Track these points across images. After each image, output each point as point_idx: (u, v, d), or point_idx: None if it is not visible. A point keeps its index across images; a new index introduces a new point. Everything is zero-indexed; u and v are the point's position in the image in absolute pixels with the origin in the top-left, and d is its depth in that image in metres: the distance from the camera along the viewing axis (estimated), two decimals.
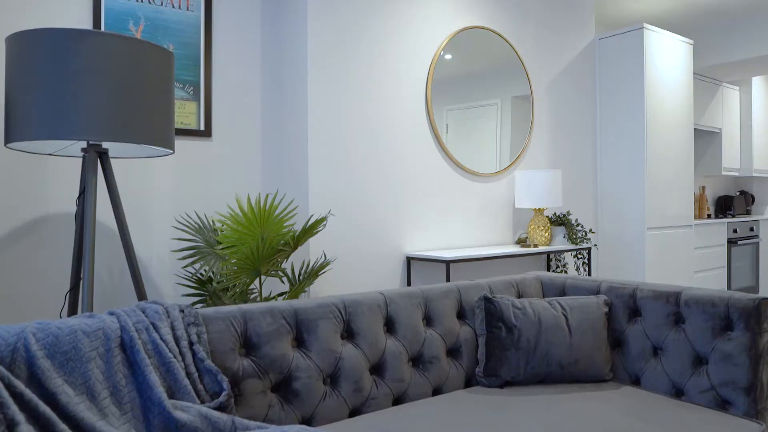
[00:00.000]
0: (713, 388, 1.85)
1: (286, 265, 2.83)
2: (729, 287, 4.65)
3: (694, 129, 5.29)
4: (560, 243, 3.45)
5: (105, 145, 2.04)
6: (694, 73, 5.14)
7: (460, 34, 3.33)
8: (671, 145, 4.15)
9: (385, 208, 2.96)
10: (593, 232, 3.65)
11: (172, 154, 2.12)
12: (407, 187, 3.06)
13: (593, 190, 4.13)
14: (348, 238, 2.81)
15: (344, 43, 2.82)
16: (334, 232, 2.76)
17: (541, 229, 3.34)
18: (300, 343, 1.70)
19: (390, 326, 1.90)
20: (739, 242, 4.79)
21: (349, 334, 1.80)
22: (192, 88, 2.71)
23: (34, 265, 2.31)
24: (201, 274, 2.32)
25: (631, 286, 2.12)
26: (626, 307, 2.11)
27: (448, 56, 3.30)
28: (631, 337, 2.08)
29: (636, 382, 2.07)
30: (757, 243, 5.03)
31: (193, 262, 2.22)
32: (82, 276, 1.96)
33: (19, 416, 1.04)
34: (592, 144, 4.15)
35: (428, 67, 3.18)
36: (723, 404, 1.83)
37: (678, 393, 1.95)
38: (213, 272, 2.29)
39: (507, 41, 3.56)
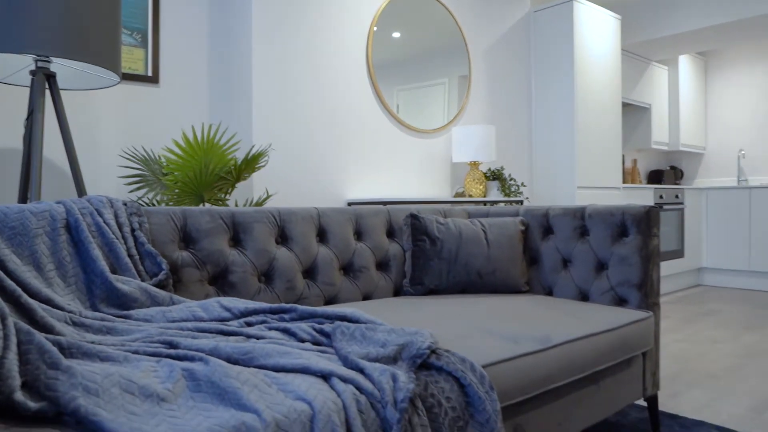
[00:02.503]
0: (612, 288, 2.07)
1: (230, 202, 2.96)
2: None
3: (627, 103, 5.62)
4: (495, 196, 3.67)
5: (52, 70, 2.14)
6: (624, 50, 5.46)
7: None
8: (600, 114, 4.43)
9: (329, 156, 3.12)
10: (525, 186, 3.90)
11: (118, 83, 2.23)
12: (351, 138, 3.23)
13: (528, 150, 4.39)
14: (291, 179, 2.96)
15: None
16: (277, 172, 2.90)
17: (477, 182, 3.55)
18: (237, 242, 1.85)
19: (322, 236, 2.06)
20: (665, 207, 5.13)
21: (283, 238, 1.96)
22: (140, 35, 2.81)
23: None
24: (145, 201, 2.43)
25: (545, 207, 2.34)
26: (540, 225, 2.33)
27: (396, 34, 3.51)
28: (545, 252, 2.30)
29: (549, 293, 2.29)
30: (682, 209, 5.38)
31: (138, 188, 2.33)
32: (29, 196, 2.06)
33: None
34: (527, 108, 4.40)
35: (370, 22, 3.35)
36: (620, 301, 2.06)
37: (584, 297, 2.18)
38: (157, 200, 2.40)
39: (442, 4, 3.76)
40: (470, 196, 3.54)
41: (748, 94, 6.18)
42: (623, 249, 2.05)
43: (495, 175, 3.70)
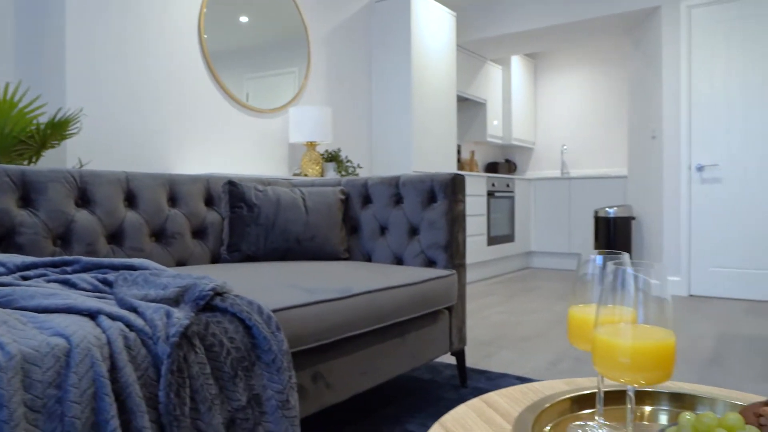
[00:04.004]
0: (423, 251, 2.20)
1: None
2: (489, 233, 5.35)
3: (465, 97, 5.97)
4: (331, 176, 3.73)
5: None
6: (461, 46, 5.79)
7: None
8: (436, 105, 4.67)
9: (157, 130, 2.99)
10: (361, 167, 4.01)
11: None
12: (183, 114, 3.11)
13: (368, 134, 4.51)
14: (114, 152, 2.80)
15: None
16: (98, 143, 2.73)
17: (313, 163, 3.59)
18: (27, 202, 1.72)
19: (131, 200, 1.98)
20: (497, 195, 5.52)
21: (84, 201, 1.85)
22: None
23: None
24: None
25: (365, 178, 2.42)
26: (360, 195, 2.40)
27: (243, 19, 3.48)
28: (364, 221, 2.38)
29: (369, 259, 2.37)
30: (512, 197, 5.83)
31: None
32: None
33: None
34: (367, 95, 4.53)
35: (200, 2, 3.26)
36: (430, 263, 2.19)
37: (399, 261, 2.28)
38: None
39: None
40: (306, 176, 3.57)
41: (570, 94, 6.82)
42: (432, 214, 2.18)
43: (332, 157, 3.76)
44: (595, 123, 6.64)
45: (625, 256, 0.76)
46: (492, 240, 5.45)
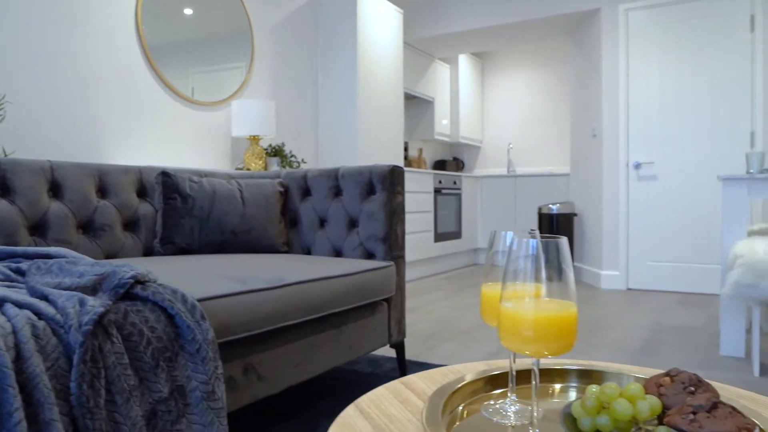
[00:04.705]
0: (362, 243, 2.19)
1: None
2: (436, 230, 5.40)
3: (413, 95, 6.00)
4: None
5: None
6: (409, 44, 5.82)
7: None
8: (383, 102, 4.67)
9: (89, 124, 2.88)
10: (305, 163, 3.98)
11: None
12: (120, 106, 3.01)
13: (314, 129, 4.48)
14: (41, 141, 2.68)
15: None
16: (21, 132, 2.61)
17: (256, 157, 3.53)
18: None
19: (56, 190, 1.90)
20: (444, 192, 5.57)
21: (3, 190, 1.76)
22: None
23: None
24: None
25: (304, 170, 2.40)
26: (299, 187, 2.38)
27: (188, 11, 3.40)
28: (303, 213, 2.35)
29: (308, 252, 2.35)
30: (459, 194, 5.90)
31: None
32: None
33: None
34: (313, 90, 4.49)
35: None
36: (369, 255, 2.18)
37: (338, 254, 2.27)
38: None
39: None
40: (249, 170, 3.51)
41: (516, 94, 6.95)
42: (371, 205, 2.17)
43: (275, 151, 3.71)
44: (540, 122, 6.78)
45: (536, 232, 0.76)
46: (439, 237, 5.49)
